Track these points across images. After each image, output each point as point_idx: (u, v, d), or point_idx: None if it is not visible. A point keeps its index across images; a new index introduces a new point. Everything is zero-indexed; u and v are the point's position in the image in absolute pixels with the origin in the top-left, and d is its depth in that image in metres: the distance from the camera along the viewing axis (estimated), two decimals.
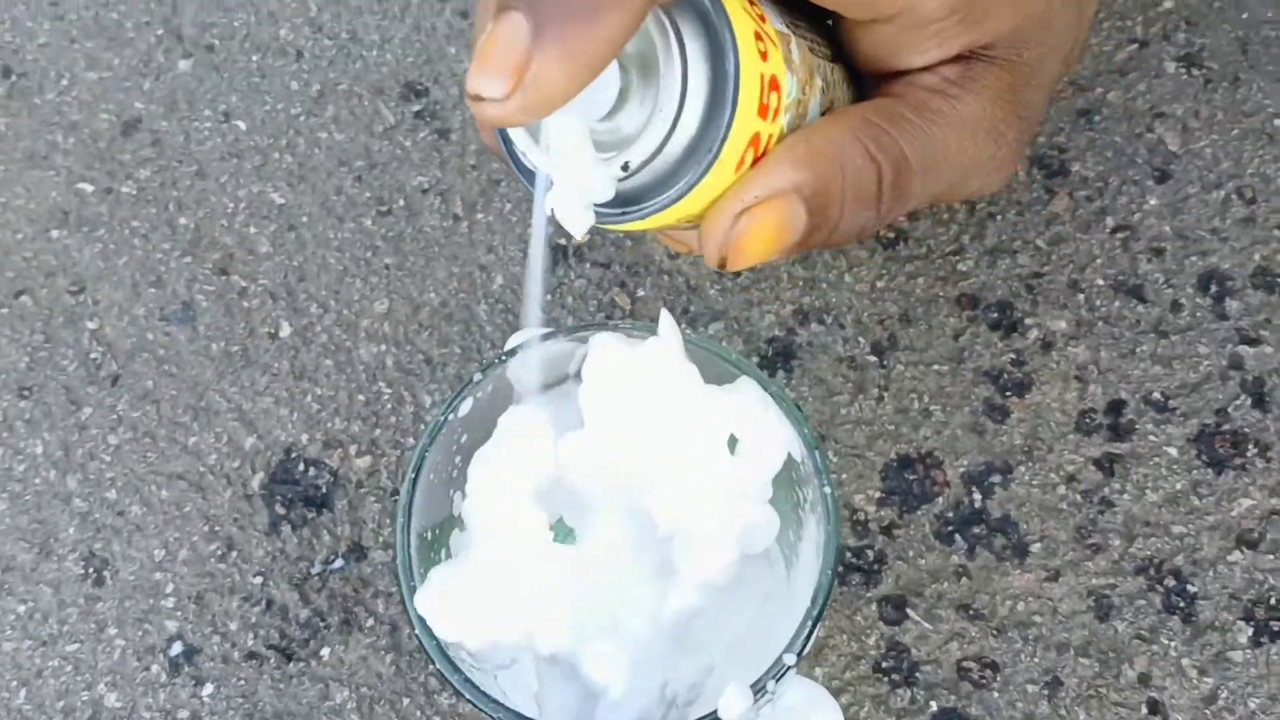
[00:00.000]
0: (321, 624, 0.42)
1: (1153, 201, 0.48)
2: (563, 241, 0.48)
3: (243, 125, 0.51)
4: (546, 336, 0.31)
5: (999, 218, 0.48)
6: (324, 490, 0.44)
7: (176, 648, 0.42)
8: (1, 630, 0.43)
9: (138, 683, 0.42)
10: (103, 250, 0.49)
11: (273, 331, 0.47)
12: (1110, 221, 0.48)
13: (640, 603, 0.29)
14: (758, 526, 0.29)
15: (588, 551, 0.30)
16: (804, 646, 0.27)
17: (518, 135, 0.28)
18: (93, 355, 0.47)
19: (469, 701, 0.28)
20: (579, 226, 0.27)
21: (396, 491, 0.44)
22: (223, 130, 0.51)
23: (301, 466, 0.45)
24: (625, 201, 0.29)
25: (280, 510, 0.44)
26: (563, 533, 0.32)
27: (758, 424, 0.29)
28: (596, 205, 0.28)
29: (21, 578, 0.44)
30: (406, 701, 0.41)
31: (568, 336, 0.31)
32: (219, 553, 0.44)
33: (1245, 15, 0.52)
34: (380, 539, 0.44)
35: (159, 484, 0.45)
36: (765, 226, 0.27)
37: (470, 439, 0.31)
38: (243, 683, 0.42)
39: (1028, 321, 0.46)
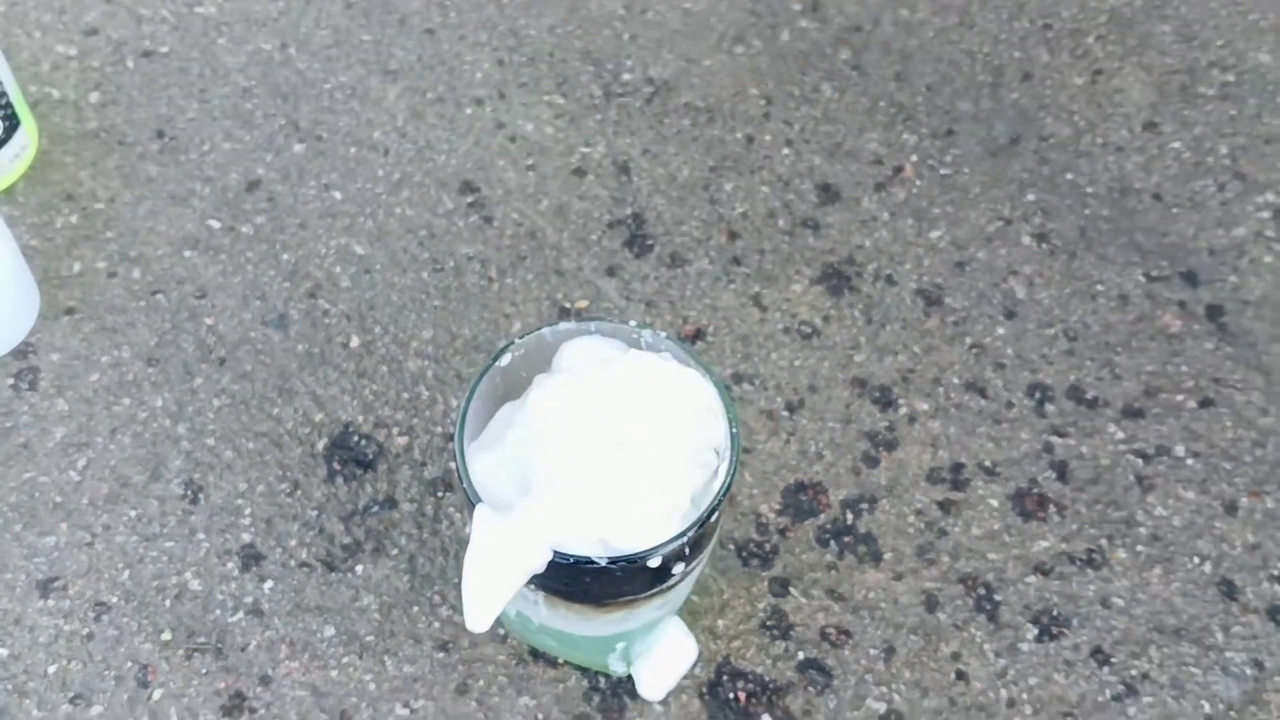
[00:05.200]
0: (358, 549, 0.57)
1: (1000, 331, 0.66)
2: None
3: (338, 195, 0.68)
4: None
5: (887, 327, 0.65)
6: (371, 456, 0.60)
7: (248, 553, 0.57)
8: (116, 527, 0.57)
9: (215, 575, 0.56)
10: (222, 270, 0.65)
11: (345, 342, 0.63)
12: (968, 340, 0.65)
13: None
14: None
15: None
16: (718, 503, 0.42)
17: None
18: (207, 342, 0.63)
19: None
20: None
21: (425, 464, 0.60)
22: (323, 197, 0.68)
23: (356, 438, 0.60)
24: None
25: (336, 466, 0.59)
26: None
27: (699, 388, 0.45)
28: None
29: (135, 492, 0.58)
30: (415, 609, 0.56)
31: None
32: (287, 490, 0.58)
33: (1087, 211, 0.71)
34: (409, 495, 0.59)
35: (247, 438, 0.60)
36: None
37: (504, 387, 0.47)
38: (295, 582, 0.56)
39: (900, 401, 0.63)
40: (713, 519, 0.43)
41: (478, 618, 0.41)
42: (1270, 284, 0.68)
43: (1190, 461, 0.62)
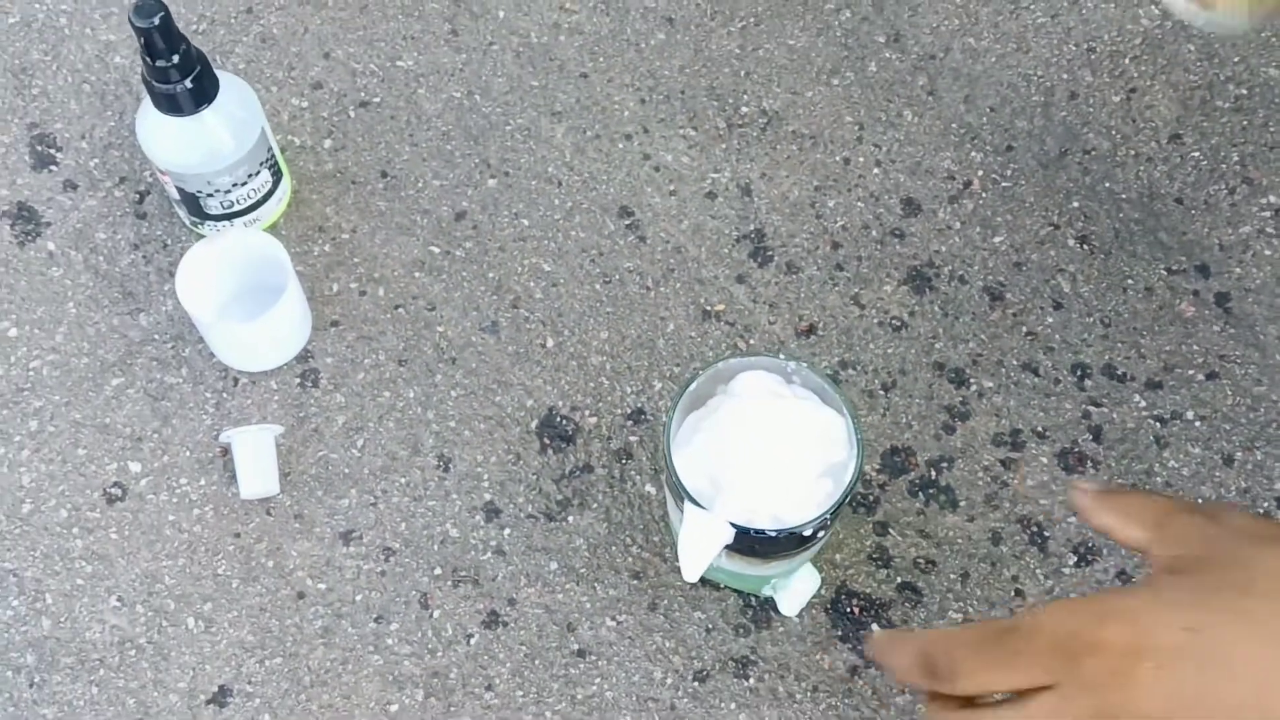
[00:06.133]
0: (569, 504, 0.77)
1: (1050, 320, 0.84)
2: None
3: (526, 222, 0.87)
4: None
5: (960, 319, 0.83)
6: (570, 433, 0.79)
7: (489, 508, 0.77)
8: (391, 491, 0.78)
9: (468, 525, 0.77)
10: (445, 287, 0.85)
11: (543, 343, 0.83)
12: (1024, 329, 0.83)
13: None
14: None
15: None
16: (848, 493, 0.62)
17: None
18: (440, 345, 0.82)
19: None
20: None
21: (610, 438, 0.79)
22: (515, 224, 0.87)
23: (558, 419, 0.80)
24: None
25: (546, 441, 0.79)
26: None
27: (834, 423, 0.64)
28: None
29: (401, 464, 0.79)
30: (614, 548, 0.76)
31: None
32: (512, 460, 0.79)
33: (1121, 215, 0.88)
34: (601, 462, 0.78)
35: (479, 420, 0.80)
36: None
37: (692, 401, 0.66)
38: (525, 529, 0.76)
39: (971, 381, 0.82)
40: (843, 504, 0.62)
41: (692, 573, 0.61)
42: (1269, 274, 0.85)
43: (1198, 424, 0.80)
